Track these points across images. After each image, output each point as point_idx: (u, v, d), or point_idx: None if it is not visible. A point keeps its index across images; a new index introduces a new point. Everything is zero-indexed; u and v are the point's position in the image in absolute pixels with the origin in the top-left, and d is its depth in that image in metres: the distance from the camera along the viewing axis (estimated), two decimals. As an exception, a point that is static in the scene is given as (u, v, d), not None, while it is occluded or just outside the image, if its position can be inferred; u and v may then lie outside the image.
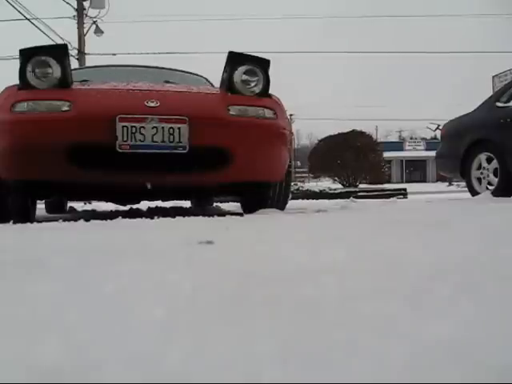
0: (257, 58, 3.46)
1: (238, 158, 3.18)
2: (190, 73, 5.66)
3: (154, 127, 2.93)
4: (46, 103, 2.96)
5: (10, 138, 2.95)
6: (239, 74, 3.37)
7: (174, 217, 3.28)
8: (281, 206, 3.82)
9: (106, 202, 4.32)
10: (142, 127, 2.91)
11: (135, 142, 2.94)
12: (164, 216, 3.32)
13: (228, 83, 3.36)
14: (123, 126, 2.85)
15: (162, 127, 2.94)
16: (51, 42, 16.48)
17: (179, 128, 2.96)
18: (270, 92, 3.51)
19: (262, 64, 3.37)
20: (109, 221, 3.14)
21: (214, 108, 3.28)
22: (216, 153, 3.15)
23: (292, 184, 5.50)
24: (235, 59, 3.38)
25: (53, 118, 2.91)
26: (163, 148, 2.97)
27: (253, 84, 3.37)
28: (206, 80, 5.38)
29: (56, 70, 3.13)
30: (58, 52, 3.22)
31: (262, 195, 3.69)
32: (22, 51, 3.14)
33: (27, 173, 3.09)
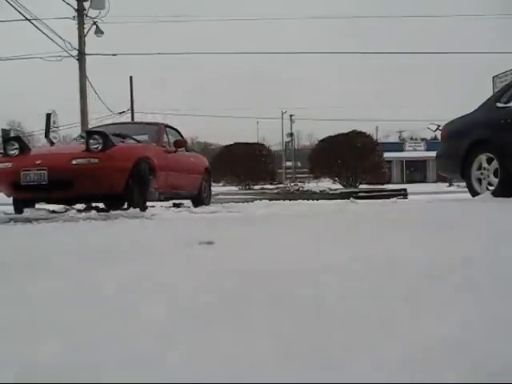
0: (99, 132, 6.59)
1: (75, 184, 6.01)
2: (149, 123, 8.80)
3: (35, 173, 6.07)
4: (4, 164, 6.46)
5: None
6: (90, 141, 6.20)
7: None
8: (140, 205, 6.29)
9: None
10: (30, 172, 6.09)
11: (26, 180, 6.11)
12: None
13: (86, 145, 6.26)
14: (23, 173, 6.10)
15: (38, 172, 6.06)
16: (51, 42, 16.51)
17: (42, 173, 6.05)
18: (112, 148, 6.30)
19: (103, 134, 6.31)
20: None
21: (62, 162, 6.13)
22: (63, 182, 6.03)
23: (292, 184, 7.90)
24: (88, 133, 6.72)
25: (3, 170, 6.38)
26: (36, 181, 6.07)
27: (95, 146, 6.16)
28: (158, 127, 8.20)
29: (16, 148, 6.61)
30: (18, 138, 7.08)
31: (115, 199, 6.54)
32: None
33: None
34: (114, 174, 6.05)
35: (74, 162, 5.96)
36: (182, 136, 8.75)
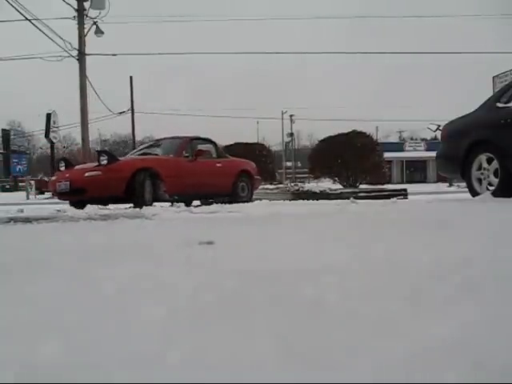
0: (105, 151, 9.87)
1: (88, 190, 8.14)
2: (175, 138, 10.51)
3: (63, 183, 8.51)
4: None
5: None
6: (100, 158, 8.41)
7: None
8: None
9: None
10: (61, 183, 8.57)
11: (59, 188, 8.60)
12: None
13: (97, 161, 8.53)
14: (57, 183, 8.71)
15: (64, 183, 8.48)
16: (51, 42, 16.51)
17: (67, 183, 8.42)
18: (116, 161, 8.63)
19: (107, 153, 8.77)
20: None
21: (79, 175, 8.45)
22: (79, 189, 8.25)
23: (292, 184, 9.88)
24: (98, 152, 8.95)
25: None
26: (64, 189, 8.49)
27: (103, 161, 8.31)
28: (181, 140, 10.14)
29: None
30: (65, 158, 9.93)
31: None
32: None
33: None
34: (114, 182, 8.07)
35: (86, 174, 8.31)
36: (215, 145, 10.54)
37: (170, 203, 8.63)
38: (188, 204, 8.46)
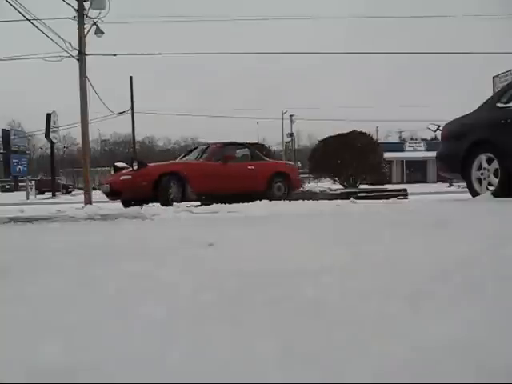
0: (138, 159, 10.44)
1: (122, 192, 9.83)
2: (208, 144, 11.75)
3: (105, 186, 10.27)
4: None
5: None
6: (132, 165, 9.91)
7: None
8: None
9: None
10: (104, 186, 10.50)
11: (103, 190, 10.58)
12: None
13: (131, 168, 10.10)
14: (102, 186, 11.10)
15: (106, 186, 10.29)
16: (51, 42, 16.48)
17: (108, 186, 10.14)
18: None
19: (139, 161, 10.21)
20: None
21: (117, 178, 9.92)
22: (116, 191, 9.87)
23: None
24: (132, 160, 10.46)
25: None
26: (105, 191, 10.27)
27: (134, 167, 9.78)
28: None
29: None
30: (115, 166, 10.84)
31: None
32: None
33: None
34: (142, 184, 9.37)
35: (121, 178, 9.72)
36: (251, 149, 11.78)
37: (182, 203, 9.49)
38: (218, 202, 9.09)
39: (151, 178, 9.46)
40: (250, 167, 11.14)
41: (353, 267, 1.59)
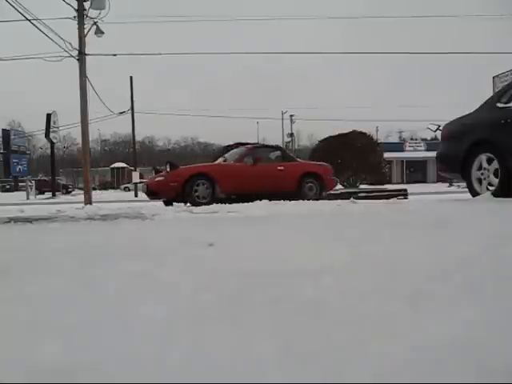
0: (170, 161, 11.12)
1: (158, 191, 10.68)
2: (239, 146, 12.56)
3: (144, 186, 11.51)
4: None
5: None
6: (166, 167, 10.91)
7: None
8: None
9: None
10: (143, 186, 11.59)
11: (143, 190, 11.53)
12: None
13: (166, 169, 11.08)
14: (142, 185, 11.83)
15: (144, 186, 11.47)
16: (51, 42, 16.48)
17: (145, 186, 11.32)
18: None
19: (171, 163, 10.93)
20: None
21: (153, 179, 11.19)
22: (152, 190, 10.81)
23: None
24: (166, 162, 11.24)
25: None
26: (144, 191, 11.34)
27: (167, 169, 10.71)
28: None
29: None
30: (155, 168, 12.53)
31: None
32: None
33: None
34: (173, 185, 10.12)
35: (156, 179, 10.68)
36: (282, 151, 12.44)
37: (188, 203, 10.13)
38: (248, 201, 9.41)
39: (182, 179, 10.16)
40: (279, 168, 11.54)
41: (353, 267, 1.59)
